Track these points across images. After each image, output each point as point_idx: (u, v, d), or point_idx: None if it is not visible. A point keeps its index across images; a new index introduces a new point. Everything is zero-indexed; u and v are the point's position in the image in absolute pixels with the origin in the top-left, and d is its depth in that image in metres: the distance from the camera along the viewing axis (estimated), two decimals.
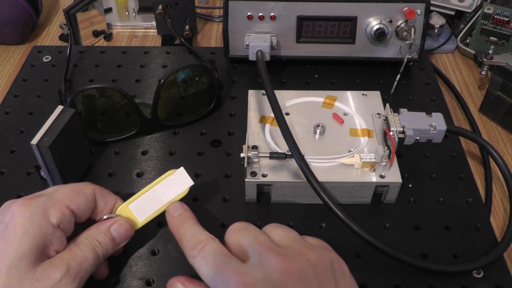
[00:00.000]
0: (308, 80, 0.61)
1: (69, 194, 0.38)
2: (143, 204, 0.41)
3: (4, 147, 0.52)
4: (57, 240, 0.36)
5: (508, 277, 0.42)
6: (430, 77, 0.62)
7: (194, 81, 0.54)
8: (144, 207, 0.41)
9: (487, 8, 0.65)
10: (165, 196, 0.41)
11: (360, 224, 0.40)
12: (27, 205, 0.36)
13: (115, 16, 0.76)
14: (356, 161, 0.45)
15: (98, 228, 0.39)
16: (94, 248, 0.37)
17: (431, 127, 0.45)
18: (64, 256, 0.36)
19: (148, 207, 0.41)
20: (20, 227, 0.34)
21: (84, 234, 0.38)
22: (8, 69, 0.67)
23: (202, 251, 0.34)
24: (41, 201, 0.36)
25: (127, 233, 0.40)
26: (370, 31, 0.58)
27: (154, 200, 0.41)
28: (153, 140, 0.54)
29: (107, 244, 0.38)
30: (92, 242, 0.38)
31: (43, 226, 0.35)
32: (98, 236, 0.38)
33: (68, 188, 0.38)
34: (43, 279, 0.34)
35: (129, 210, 0.41)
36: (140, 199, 0.41)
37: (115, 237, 0.39)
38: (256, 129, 0.50)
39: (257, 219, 0.46)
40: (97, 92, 0.51)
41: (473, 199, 0.48)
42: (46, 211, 0.36)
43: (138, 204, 0.41)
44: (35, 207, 0.35)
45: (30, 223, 0.35)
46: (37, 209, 0.35)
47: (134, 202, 0.41)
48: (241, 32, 0.59)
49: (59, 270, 0.34)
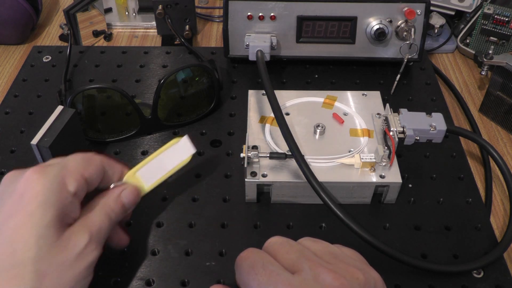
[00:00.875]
0: (308, 80, 0.61)
1: (82, 163, 0.38)
2: (149, 171, 0.42)
3: (4, 147, 0.52)
4: (75, 207, 0.36)
5: (508, 277, 0.42)
6: (430, 77, 0.62)
7: (194, 81, 0.54)
8: (150, 174, 0.42)
9: (487, 8, 0.65)
10: (170, 163, 0.43)
11: (360, 224, 0.40)
12: (44, 173, 0.35)
13: (115, 16, 0.76)
14: (356, 161, 0.45)
15: (109, 195, 0.39)
16: (108, 214, 0.38)
17: (431, 127, 0.45)
18: (84, 223, 0.36)
19: (154, 174, 0.43)
20: (40, 195, 0.34)
21: (96, 201, 0.39)
22: (8, 69, 0.67)
23: (248, 259, 0.33)
24: (57, 170, 0.36)
25: (135, 199, 0.41)
26: (370, 31, 0.58)
27: (159, 167, 0.43)
28: (153, 140, 0.54)
29: (119, 210, 0.39)
30: (105, 208, 0.38)
31: (62, 195, 0.35)
32: (110, 202, 0.39)
33: (78, 158, 0.38)
34: (70, 246, 0.34)
35: (136, 177, 0.42)
36: (147, 166, 0.42)
37: (125, 203, 0.40)
38: (256, 129, 0.50)
39: (257, 219, 0.46)
40: (97, 92, 0.51)
41: (473, 199, 0.48)
42: (64, 179, 0.35)
43: (145, 171, 0.42)
44: (52, 176, 0.35)
45: (50, 192, 0.34)
46: (55, 178, 0.35)
47: (141, 170, 0.42)
48: (241, 32, 0.59)
49: (82, 237, 0.35)
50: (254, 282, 0.31)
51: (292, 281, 0.30)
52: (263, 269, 0.31)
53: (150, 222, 0.46)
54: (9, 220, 0.33)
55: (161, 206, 0.47)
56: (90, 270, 0.35)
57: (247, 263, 0.32)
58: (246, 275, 0.32)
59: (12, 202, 0.34)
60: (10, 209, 0.34)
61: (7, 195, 0.35)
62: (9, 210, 0.34)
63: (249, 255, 0.33)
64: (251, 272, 0.32)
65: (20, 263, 0.32)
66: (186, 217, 0.46)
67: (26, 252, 0.32)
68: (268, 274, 0.31)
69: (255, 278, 0.31)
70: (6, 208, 0.34)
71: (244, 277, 0.32)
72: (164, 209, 0.47)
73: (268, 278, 0.31)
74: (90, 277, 0.36)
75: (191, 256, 0.43)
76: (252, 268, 0.32)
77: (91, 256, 0.35)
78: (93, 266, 0.36)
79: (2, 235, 0.33)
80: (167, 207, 0.47)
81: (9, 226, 0.33)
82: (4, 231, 0.33)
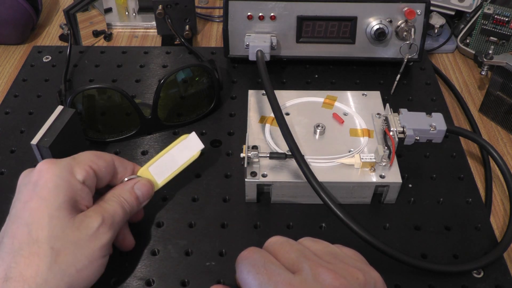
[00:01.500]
0: (308, 80, 0.61)
1: (91, 157, 0.40)
2: (161, 167, 0.44)
3: (4, 147, 0.52)
4: (86, 195, 0.38)
5: (508, 277, 0.42)
6: (430, 77, 0.62)
7: (194, 81, 0.54)
8: (161, 169, 0.44)
9: (487, 8, 0.65)
10: (180, 159, 0.45)
11: (360, 224, 0.40)
12: (54, 163, 0.38)
13: (115, 16, 0.76)
14: (356, 161, 0.45)
15: (123, 187, 0.41)
16: (122, 204, 0.40)
17: (431, 127, 0.45)
18: (97, 209, 0.38)
19: (165, 169, 0.44)
20: (51, 182, 0.36)
21: (110, 193, 0.41)
22: (8, 69, 0.67)
23: (249, 258, 0.33)
24: (66, 161, 0.39)
25: (149, 192, 0.43)
26: (370, 31, 0.58)
27: (170, 162, 0.45)
28: (153, 140, 0.54)
29: (133, 202, 0.41)
30: (119, 199, 0.40)
31: (71, 181, 0.37)
32: (124, 194, 0.41)
33: (88, 152, 0.41)
34: (82, 227, 0.36)
35: (149, 172, 0.44)
36: (158, 162, 0.44)
37: (139, 195, 0.42)
38: (256, 129, 0.50)
39: (257, 219, 0.46)
40: (97, 92, 0.51)
41: (473, 199, 0.48)
42: (72, 169, 0.38)
43: (157, 167, 0.44)
44: (62, 165, 0.38)
45: (60, 179, 0.37)
46: (64, 167, 0.38)
47: (153, 165, 0.44)
48: (241, 32, 0.59)
49: (95, 220, 0.37)
50: (255, 282, 0.31)
51: (292, 281, 0.30)
52: (264, 269, 0.31)
53: (150, 222, 0.46)
54: (25, 206, 0.36)
55: (161, 206, 0.47)
56: (104, 252, 0.37)
57: (248, 262, 0.33)
58: (246, 274, 0.32)
59: (27, 190, 0.37)
60: (26, 196, 0.37)
61: (23, 186, 0.38)
62: (25, 197, 0.37)
63: (250, 255, 0.33)
64: (251, 271, 0.32)
65: (35, 241, 0.34)
66: (186, 217, 0.46)
67: (40, 231, 0.35)
68: (268, 274, 0.31)
69: (256, 277, 0.31)
70: (23, 196, 0.37)
71: (244, 276, 0.32)
72: (164, 209, 0.47)
73: (269, 278, 0.31)
74: (105, 259, 0.38)
75: (191, 256, 0.43)
76: (252, 267, 0.32)
77: (104, 237, 0.37)
78: (106, 248, 0.37)
79: (20, 219, 0.36)
80: (167, 207, 0.47)
81: (25, 210, 0.36)
82: (21, 216, 0.36)
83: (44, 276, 0.34)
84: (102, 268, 0.38)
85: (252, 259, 0.33)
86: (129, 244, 0.42)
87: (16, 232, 0.35)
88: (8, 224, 0.36)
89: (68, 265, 0.35)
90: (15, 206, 0.37)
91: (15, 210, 0.37)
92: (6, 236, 0.35)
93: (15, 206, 0.37)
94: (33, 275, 0.33)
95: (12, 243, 0.35)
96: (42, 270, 0.34)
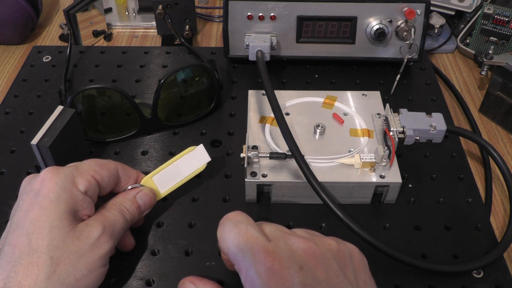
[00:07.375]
0: (308, 80, 0.61)
1: (94, 166, 0.40)
2: (165, 177, 0.44)
3: (4, 147, 0.52)
4: (87, 205, 0.38)
5: (508, 277, 0.42)
6: (430, 77, 0.62)
7: (194, 81, 0.54)
8: (165, 179, 0.44)
9: (487, 8, 0.65)
10: (185, 170, 0.45)
11: (360, 224, 0.40)
12: (56, 173, 0.38)
13: (115, 16, 0.76)
14: (356, 161, 0.45)
15: (125, 196, 0.42)
16: (123, 213, 0.40)
17: (431, 127, 0.45)
18: (98, 218, 0.38)
19: (169, 179, 0.44)
20: (52, 192, 0.37)
21: (112, 201, 0.41)
22: (8, 69, 0.67)
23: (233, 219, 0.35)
24: (69, 170, 0.39)
25: (151, 202, 0.43)
26: (370, 31, 0.58)
27: (175, 173, 0.45)
28: (153, 140, 0.54)
29: (134, 211, 0.41)
30: (120, 207, 0.40)
31: (73, 192, 0.37)
32: (125, 202, 0.41)
33: (92, 161, 0.41)
34: (83, 237, 0.36)
35: (152, 181, 0.44)
36: (163, 172, 0.44)
37: (141, 204, 0.42)
38: (256, 129, 0.50)
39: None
40: (97, 92, 0.51)
41: (473, 199, 0.48)
42: (74, 179, 0.38)
43: (161, 177, 0.44)
44: (64, 175, 0.38)
45: (61, 189, 0.37)
46: (66, 177, 0.38)
47: (157, 175, 0.44)
48: (241, 32, 0.59)
49: (96, 229, 0.37)
50: (234, 241, 0.33)
51: (266, 245, 0.32)
52: (245, 231, 0.33)
53: (150, 222, 0.46)
54: (26, 215, 0.36)
55: (161, 206, 0.47)
56: (104, 261, 0.37)
57: (231, 222, 0.34)
58: (228, 232, 0.34)
59: (29, 199, 0.37)
60: (27, 205, 0.37)
61: (25, 194, 0.38)
62: (26, 206, 0.37)
63: (236, 216, 0.35)
64: (233, 230, 0.34)
65: (35, 251, 0.34)
66: (186, 217, 0.46)
67: (40, 241, 0.35)
68: (247, 236, 0.33)
69: (236, 237, 0.33)
70: (25, 205, 0.37)
71: (226, 234, 0.34)
72: (164, 209, 0.47)
73: (247, 240, 0.33)
74: (104, 268, 0.38)
75: (191, 256, 0.43)
76: (235, 227, 0.34)
77: (104, 247, 0.37)
78: (106, 257, 0.38)
79: (21, 228, 0.36)
80: (167, 207, 0.47)
81: (26, 219, 0.36)
82: (22, 225, 0.36)
83: (43, 286, 0.34)
84: (101, 278, 0.38)
85: (236, 220, 0.34)
86: (130, 244, 0.42)
87: (16, 241, 0.35)
88: (9, 232, 0.36)
89: (68, 274, 0.35)
90: (16, 214, 0.37)
91: (16, 218, 0.36)
92: (6, 244, 0.35)
93: (16, 214, 0.37)
94: (32, 285, 0.33)
95: (13, 251, 0.35)
96: (41, 280, 0.34)
